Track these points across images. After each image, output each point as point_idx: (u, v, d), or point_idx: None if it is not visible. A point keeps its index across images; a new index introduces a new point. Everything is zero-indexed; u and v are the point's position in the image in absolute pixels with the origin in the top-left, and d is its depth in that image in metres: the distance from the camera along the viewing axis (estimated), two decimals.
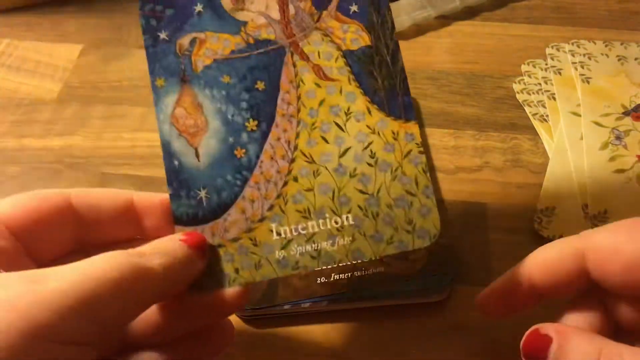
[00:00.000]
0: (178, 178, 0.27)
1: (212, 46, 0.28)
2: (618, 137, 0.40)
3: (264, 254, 0.27)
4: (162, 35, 0.28)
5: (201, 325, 0.27)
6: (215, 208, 0.27)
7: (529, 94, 0.44)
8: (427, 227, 0.27)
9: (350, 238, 0.27)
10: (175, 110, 0.28)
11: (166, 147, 0.27)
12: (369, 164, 0.27)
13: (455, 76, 0.46)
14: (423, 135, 0.42)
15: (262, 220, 0.27)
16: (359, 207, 0.27)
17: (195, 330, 0.27)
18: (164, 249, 0.24)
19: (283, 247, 0.27)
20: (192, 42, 0.28)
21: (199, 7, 0.29)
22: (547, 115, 0.42)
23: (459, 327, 0.33)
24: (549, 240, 0.35)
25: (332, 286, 0.33)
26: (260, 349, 0.32)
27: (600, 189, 0.37)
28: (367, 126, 0.28)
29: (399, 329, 0.33)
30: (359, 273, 0.33)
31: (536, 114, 0.43)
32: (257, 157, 0.27)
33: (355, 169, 0.27)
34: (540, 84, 0.44)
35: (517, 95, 0.44)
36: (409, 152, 0.28)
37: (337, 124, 0.28)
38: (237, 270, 0.26)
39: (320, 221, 0.27)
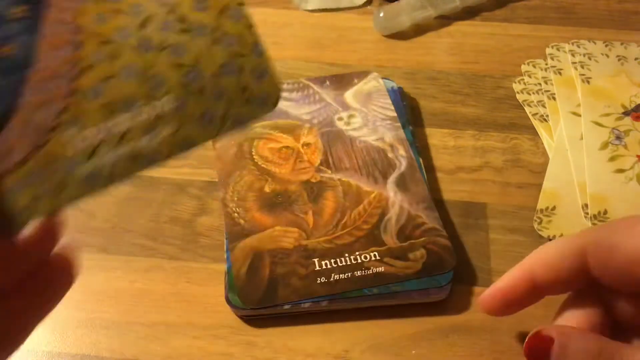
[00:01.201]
0: None
1: None
2: (618, 137, 0.40)
3: (65, 171, 0.21)
4: None
5: (17, 275, 0.22)
6: None
7: (529, 94, 0.44)
8: (267, 90, 0.22)
9: (175, 126, 0.22)
10: None
11: None
12: (181, 30, 0.22)
13: (455, 76, 0.46)
14: (423, 135, 0.42)
15: (54, 128, 0.21)
16: (179, 84, 0.22)
17: (14, 281, 0.22)
18: None
19: (89, 157, 0.21)
20: None
21: None
22: (547, 115, 0.42)
23: (459, 327, 0.33)
24: (549, 240, 0.35)
25: (332, 286, 0.33)
26: (260, 349, 0.32)
27: (600, 189, 0.37)
28: None
29: (399, 329, 0.32)
30: (359, 273, 0.33)
31: (536, 114, 0.43)
32: (32, 50, 0.21)
33: (163, 41, 0.22)
34: (540, 84, 0.44)
35: (517, 95, 0.44)
36: (225, 7, 0.22)
37: None
38: (35, 199, 0.21)
39: (132, 113, 0.21)
